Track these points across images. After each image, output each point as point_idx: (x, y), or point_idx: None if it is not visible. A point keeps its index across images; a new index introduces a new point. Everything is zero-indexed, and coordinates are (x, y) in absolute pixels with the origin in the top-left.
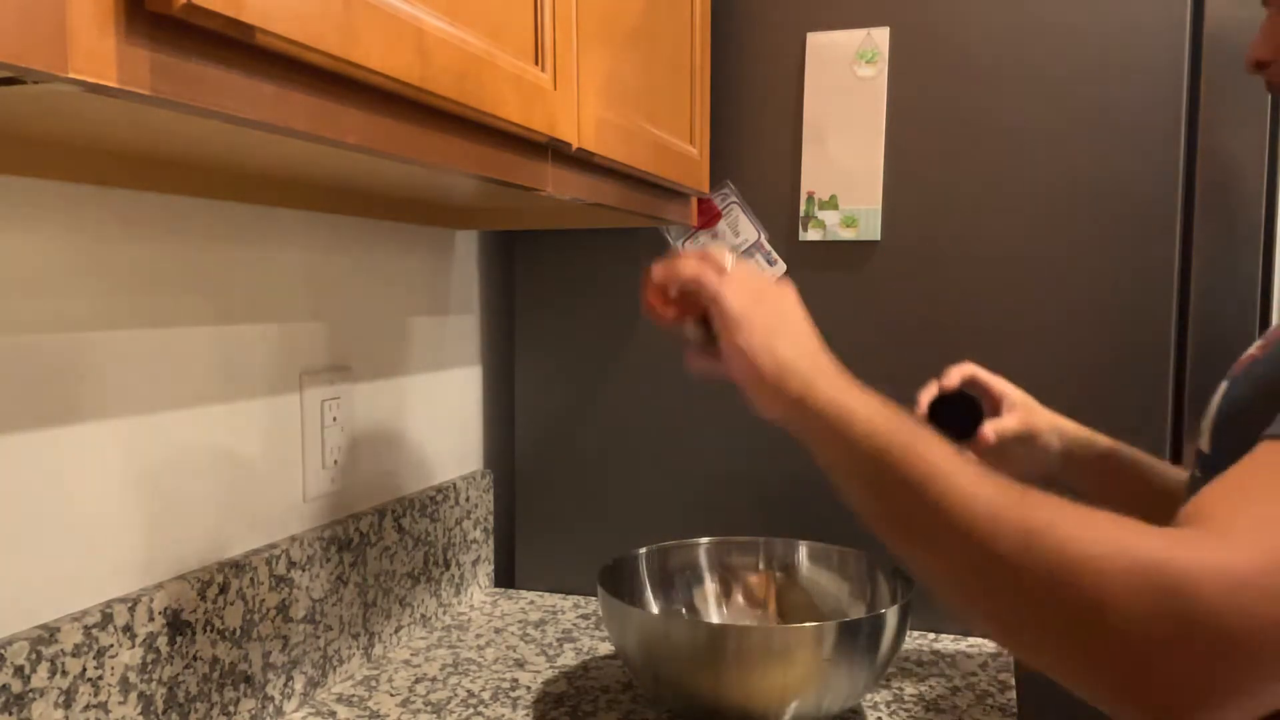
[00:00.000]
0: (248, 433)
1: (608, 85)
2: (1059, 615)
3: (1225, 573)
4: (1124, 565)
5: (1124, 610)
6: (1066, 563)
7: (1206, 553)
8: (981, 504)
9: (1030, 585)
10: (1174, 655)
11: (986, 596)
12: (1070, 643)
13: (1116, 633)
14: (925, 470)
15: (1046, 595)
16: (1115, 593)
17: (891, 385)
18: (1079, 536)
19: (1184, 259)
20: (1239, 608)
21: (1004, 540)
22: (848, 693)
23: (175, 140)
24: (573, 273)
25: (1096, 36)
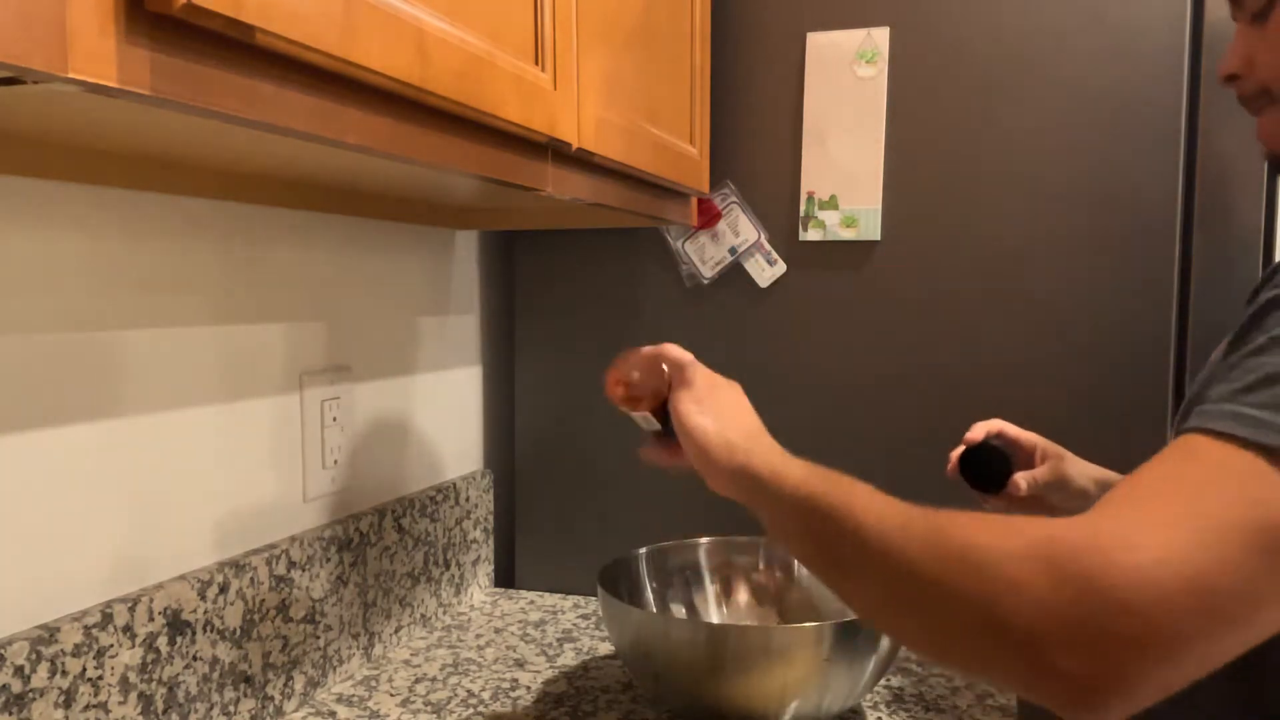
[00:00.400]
0: (248, 433)
1: (608, 85)
2: (967, 607)
3: (1111, 537)
4: (1019, 546)
5: (1022, 587)
6: (968, 554)
7: (1091, 526)
8: (891, 522)
9: (939, 583)
10: (1072, 624)
11: (906, 606)
12: (980, 632)
13: (1018, 611)
14: (844, 506)
15: (954, 590)
16: (1012, 572)
17: (891, 385)
18: (979, 530)
19: (1184, 259)
20: (1126, 566)
21: (914, 548)
22: (848, 693)
23: (175, 140)
24: (573, 273)
25: (1096, 37)
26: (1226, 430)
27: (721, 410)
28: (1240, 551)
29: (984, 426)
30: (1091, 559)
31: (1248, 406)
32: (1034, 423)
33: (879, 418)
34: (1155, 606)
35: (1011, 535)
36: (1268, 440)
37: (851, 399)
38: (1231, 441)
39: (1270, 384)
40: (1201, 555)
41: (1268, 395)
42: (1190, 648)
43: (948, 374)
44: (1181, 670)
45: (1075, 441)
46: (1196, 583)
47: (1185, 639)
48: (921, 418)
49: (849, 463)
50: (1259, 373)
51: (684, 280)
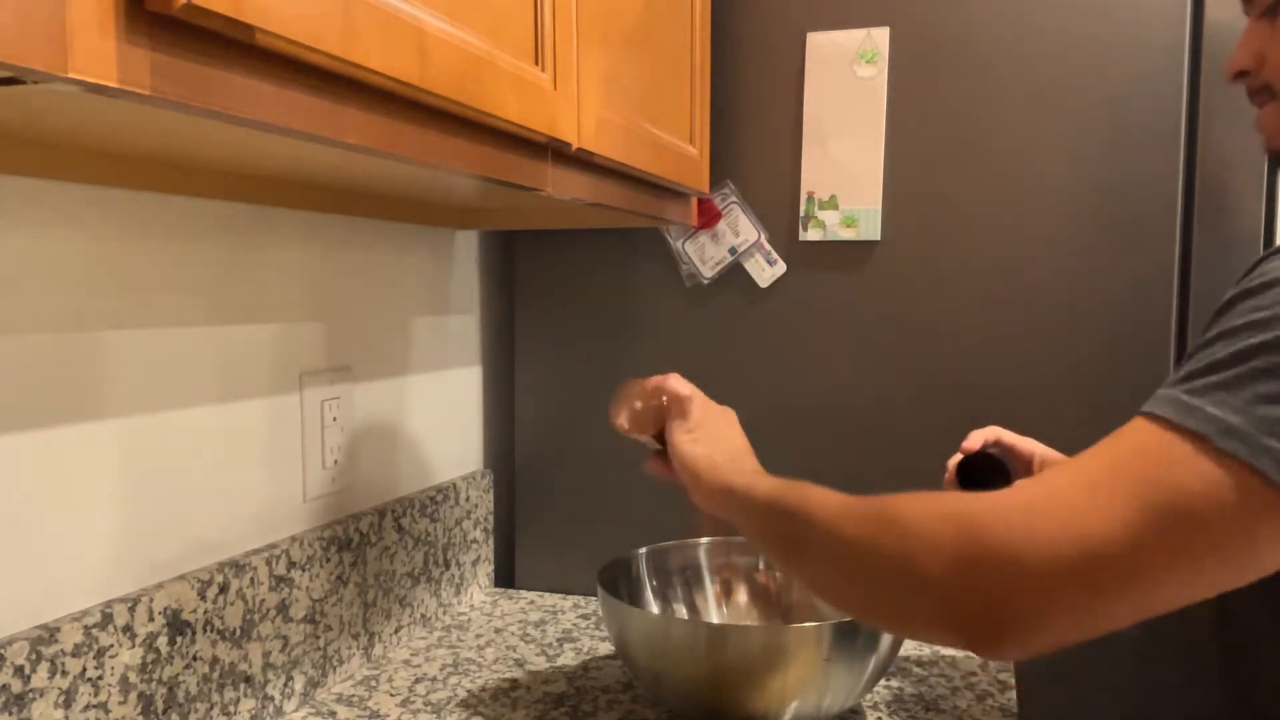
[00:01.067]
0: (248, 433)
1: (608, 85)
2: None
3: (1012, 507)
4: (938, 512)
5: (936, 543)
6: (895, 521)
7: (1005, 495)
8: (836, 507)
9: (870, 548)
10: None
11: (847, 575)
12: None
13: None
14: (800, 502)
15: (882, 552)
16: (929, 531)
17: (891, 385)
18: (908, 501)
19: (1184, 259)
20: (1020, 528)
21: (851, 522)
22: (848, 693)
23: (175, 140)
24: (573, 273)
25: (1096, 37)
26: (1159, 413)
27: (711, 437)
28: (1135, 525)
29: (981, 435)
30: (993, 521)
31: (1184, 393)
32: (1033, 423)
33: (879, 417)
34: (1039, 560)
35: (934, 503)
36: (1190, 425)
37: (851, 398)
38: (1160, 423)
39: (1208, 373)
40: (1095, 523)
41: (1202, 383)
42: (1073, 603)
43: (947, 373)
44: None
45: (1075, 441)
46: (1086, 554)
47: (1068, 595)
48: (922, 417)
49: (849, 462)
50: (1202, 362)
51: (684, 280)
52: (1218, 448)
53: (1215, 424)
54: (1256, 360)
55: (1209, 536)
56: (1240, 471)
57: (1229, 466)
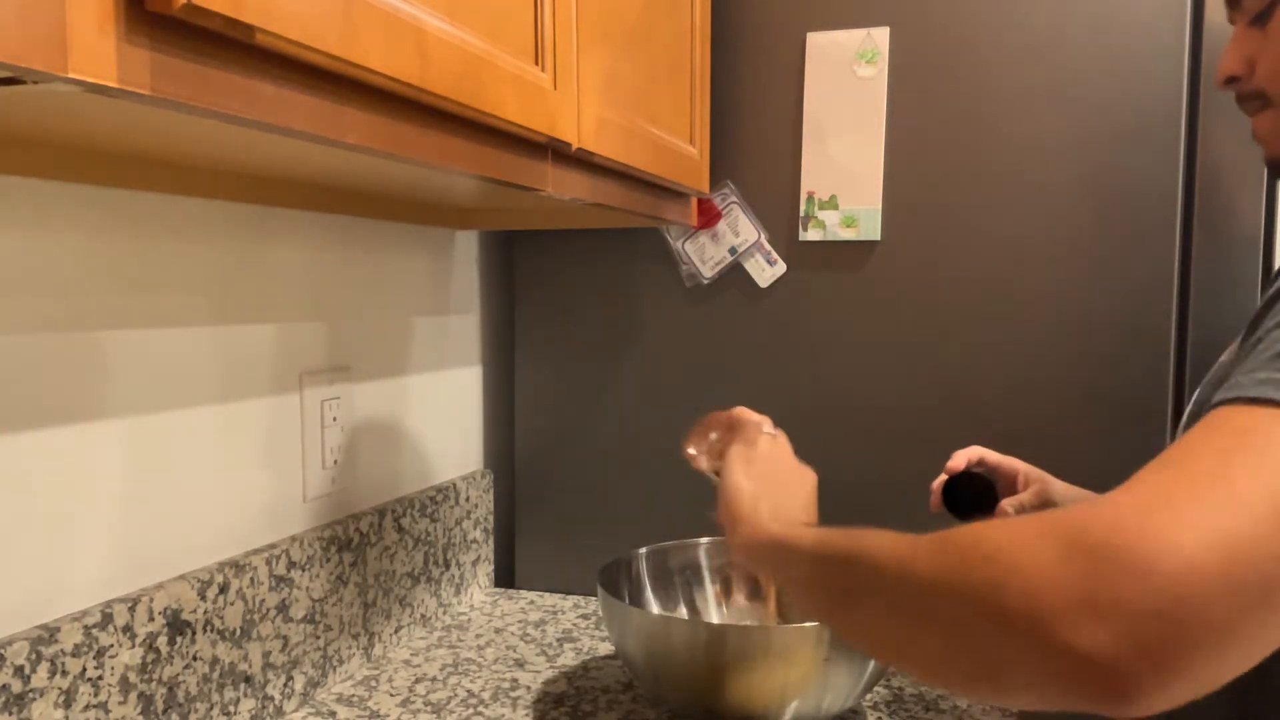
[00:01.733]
0: (248, 433)
1: (608, 85)
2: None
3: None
4: (1028, 530)
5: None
6: (975, 548)
7: (1107, 502)
8: (903, 546)
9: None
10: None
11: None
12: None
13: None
14: (857, 547)
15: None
16: (1020, 552)
17: (891, 384)
18: (988, 526)
19: (1184, 259)
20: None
21: (923, 559)
22: (848, 693)
23: (175, 140)
24: (573, 273)
25: (1097, 38)
26: (1263, 396)
27: (769, 480)
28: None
29: (965, 454)
30: (1106, 529)
31: (1275, 372)
32: (1033, 422)
33: (879, 417)
34: (1182, 576)
35: (1021, 523)
36: None
37: (851, 398)
38: (1267, 405)
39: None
40: (1236, 522)
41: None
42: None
43: (947, 373)
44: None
45: (1074, 442)
46: (1231, 551)
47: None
48: (922, 417)
49: (849, 462)
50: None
51: (684, 280)
52: None
53: None
54: None
55: None
56: None
57: None
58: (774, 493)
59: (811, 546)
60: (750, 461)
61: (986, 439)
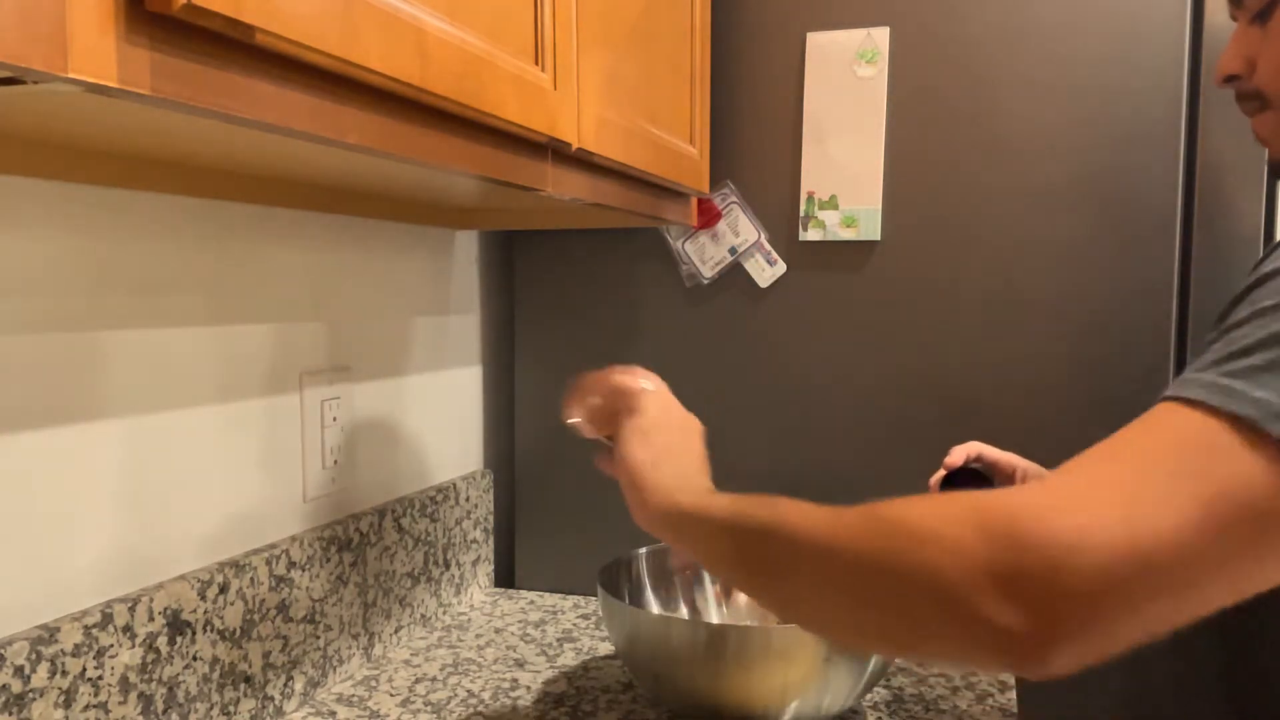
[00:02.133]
0: (248, 433)
1: (608, 85)
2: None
3: (1046, 502)
4: (954, 512)
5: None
6: (903, 526)
7: (1029, 489)
8: (823, 519)
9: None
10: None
11: (846, 597)
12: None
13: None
14: (773, 518)
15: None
16: (947, 533)
17: (891, 385)
18: (912, 504)
19: (1184, 258)
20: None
21: (847, 535)
22: (848, 693)
23: (175, 140)
24: (573, 273)
25: (1096, 37)
26: (1196, 398)
27: (664, 447)
28: (1191, 517)
29: (962, 450)
30: (1024, 515)
31: (1222, 376)
32: (1033, 422)
33: (878, 417)
34: (1086, 565)
35: (946, 504)
36: (1235, 409)
37: (851, 399)
38: (1198, 409)
39: (1246, 354)
40: (1143, 522)
41: (1242, 365)
42: (1128, 605)
43: (947, 373)
44: (1118, 628)
45: (1073, 442)
46: (1133, 548)
47: (1123, 596)
48: (921, 417)
49: (849, 462)
50: (1237, 344)
51: (684, 280)
52: (1266, 432)
53: (1261, 407)
54: None
55: (1265, 525)
56: None
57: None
58: (673, 458)
59: (726, 518)
60: (645, 432)
61: (985, 438)
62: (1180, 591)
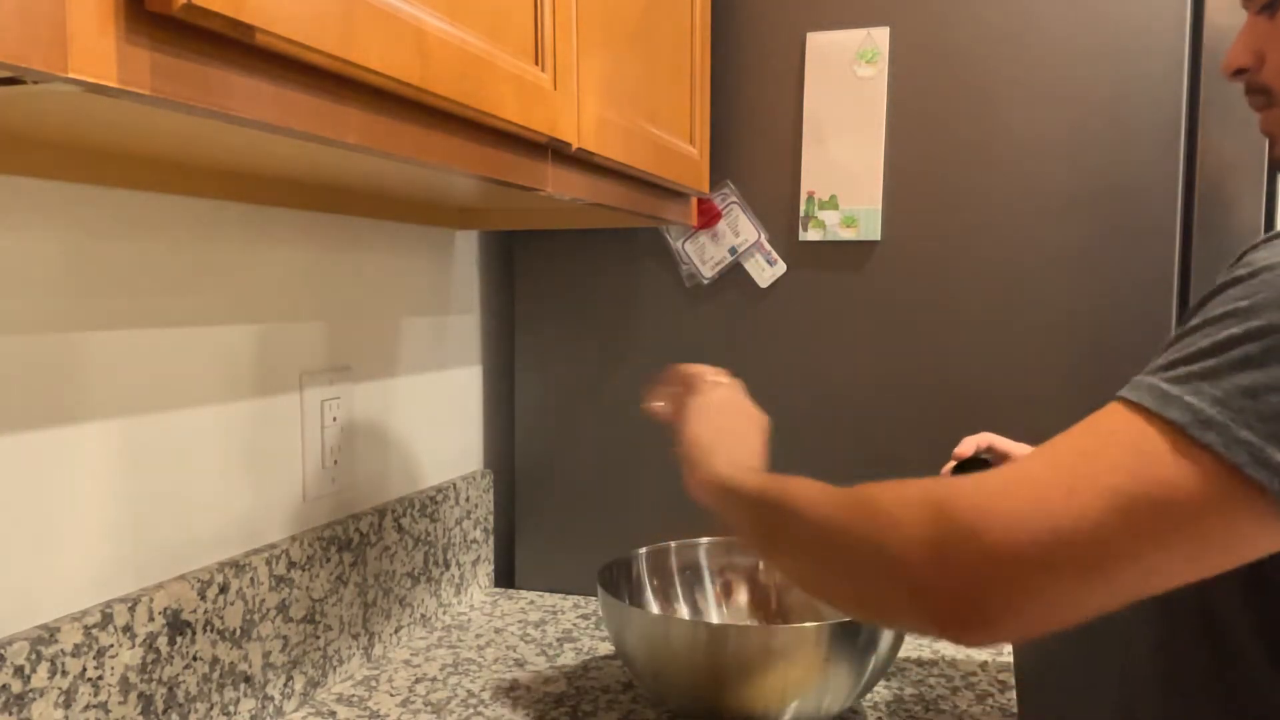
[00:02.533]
0: (247, 433)
1: (608, 85)
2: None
3: (982, 489)
4: (912, 494)
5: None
6: (869, 504)
7: (979, 478)
8: (817, 494)
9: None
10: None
11: (824, 561)
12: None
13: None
14: (783, 492)
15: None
16: (901, 514)
17: (891, 384)
18: (884, 487)
19: (1183, 259)
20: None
21: (829, 509)
22: (848, 693)
23: (175, 140)
24: (573, 273)
25: (1097, 37)
26: (1135, 400)
27: (724, 428)
28: (1102, 511)
29: (973, 441)
30: (964, 502)
31: (1163, 380)
32: (1032, 422)
33: (879, 417)
34: (1006, 544)
35: (910, 486)
36: (1167, 414)
37: (851, 399)
38: (1137, 411)
39: (1188, 361)
40: (1060, 505)
41: (1182, 371)
42: (1039, 586)
43: (947, 373)
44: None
45: None
46: (1053, 537)
47: (1033, 577)
48: (921, 417)
49: (848, 462)
50: (1183, 350)
51: (684, 280)
52: (1193, 438)
53: (1192, 414)
54: (1236, 350)
55: (1178, 526)
56: (1214, 463)
57: (1202, 458)
58: (727, 438)
59: (751, 490)
60: (704, 410)
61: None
62: (1090, 575)
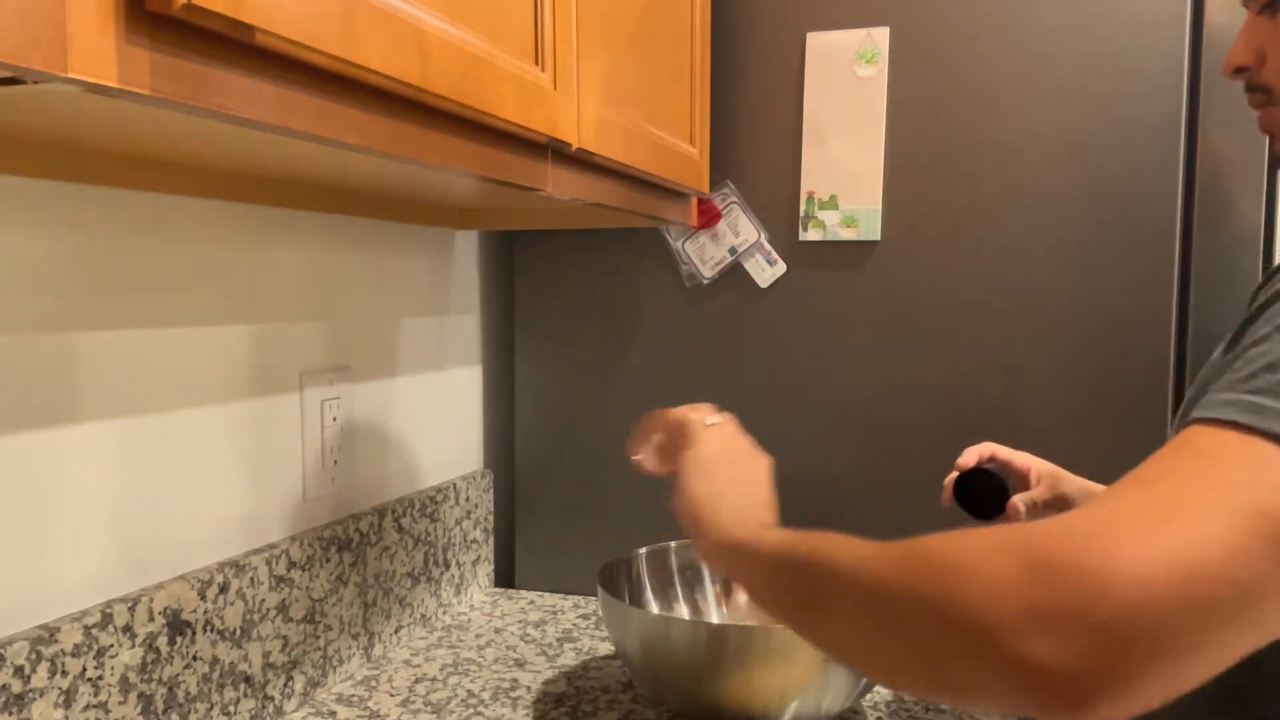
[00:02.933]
0: (247, 433)
1: (608, 85)
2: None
3: (1081, 530)
4: (991, 543)
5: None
6: (939, 558)
7: (1070, 518)
8: (864, 552)
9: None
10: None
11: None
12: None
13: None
14: (817, 551)
15: (924, 595)
16: (981, 566)
17: (891, 384)
18: (953, 537)
19: (1184, 259)
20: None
21: (886, 567)
22: (848, 693)
23: (175, 140)
24: (573, 273)
25: (1096, 37)
26: (1227, 418)
27: (725, 480)
28: (1235, 537)
29: (975, 451)
30: (1066, 546)
31: (1249, 394)
32: (1032, 422)
33: (879, 417)
34: (1138, 591)
35: (985, 535)
36: (1268, 426)
37: (852, 398)
38: (1231, 428)
39: (1272, 370)
40: (1191, 540)
41: (1268, 381)
42: (1182, 639)
43: (947, 373)
44: (1178, 666)
45: (1074, 441)
46: (1186, 569)
47: (1175, 629)
48: (922, 417)
49: (849, 463)
50: (1260, 361)
51: (684, 280)
52: None
53: None
54: None
55: None
56: None
57: None
58: (731, 491)
59: (772, 551)
60: (702, 464)
61: (986, 438)
62: (1238, 615)
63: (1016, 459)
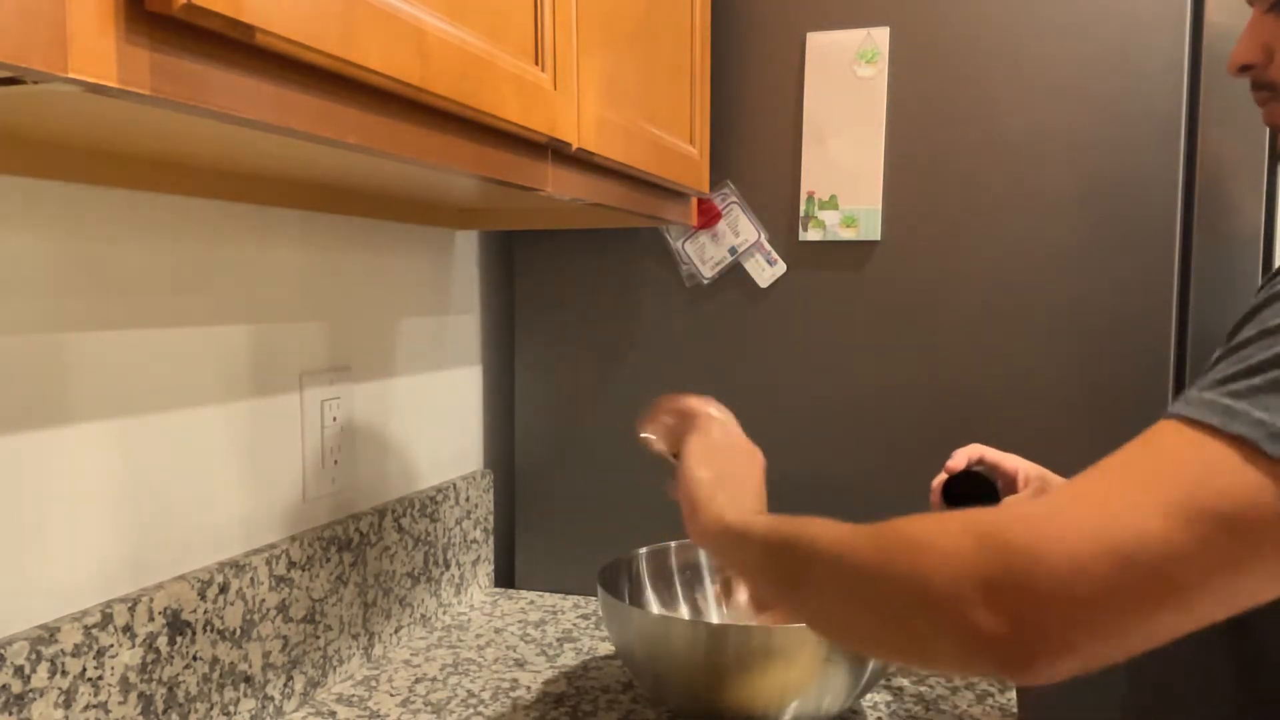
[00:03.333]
0: (247, 433)
1: (608, 85)
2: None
3: (1037, 514)
4: (954, 525)
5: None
6: (907, 539)
7: (1028, 503)
8: (842, 534)
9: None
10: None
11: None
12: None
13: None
14: (800, 533)
15: (893, 572)
16: (944, 544)
17: (891, 384)
18: (921, 520)
19: (1184, 258)
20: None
21: (859, 548)
22: (848, 693)
23: (175, 140)
24: (573, 273)
25: (1096, 36)
26: (1196, 417)
27: (724, 470)
28: (1172, 533)
29: (964, 453)
30: (1017, 527)
31: (1223, 395)
32: (1032, 422)
33: (878, 417)
34: (1071, 571)
35: (949, 519)
36: (1234, 429)
37: (851, 398)
38: (1198, 428)
39: (1249, 374)
40: (1126, 530)
41: (1244, 385)
42: (1108, 615)
43: (947, 373)
44: (1106, 637)
45: (1074, 441)
46: (1117, 556)
47: (1104, 608)
48: (921, 417)
49: (848, 463)
50: (1241, 364)
51: (684, 280)
52: (1266, 453)
53: (1262, 429)
54: None
55: (1255, 545)
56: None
57: (1277, 471)
58: (730, 481)
59: (761, 533)
60: (706, 450)
61: (986, 438)
62: (1163, 601)
63: (1005, 461)
